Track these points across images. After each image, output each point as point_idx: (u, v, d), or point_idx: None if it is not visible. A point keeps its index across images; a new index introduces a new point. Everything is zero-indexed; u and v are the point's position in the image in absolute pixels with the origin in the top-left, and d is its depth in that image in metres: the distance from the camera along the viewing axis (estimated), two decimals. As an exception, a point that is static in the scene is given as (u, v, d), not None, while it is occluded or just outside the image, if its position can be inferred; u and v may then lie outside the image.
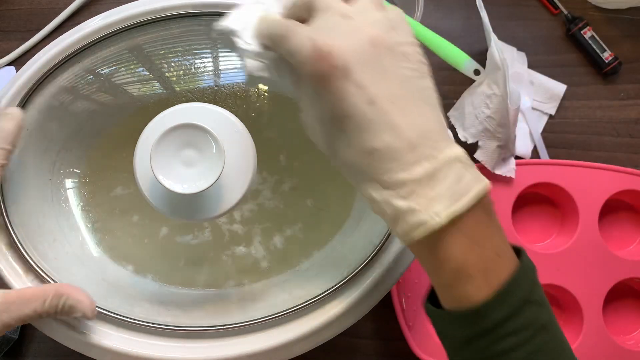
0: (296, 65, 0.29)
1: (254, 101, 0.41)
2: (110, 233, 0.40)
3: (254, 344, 0.35)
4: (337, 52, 0.28)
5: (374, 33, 0.28)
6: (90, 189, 0.41)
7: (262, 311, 0.36)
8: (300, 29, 0.29)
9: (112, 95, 0.40)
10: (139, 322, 0.35)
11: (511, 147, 0.52)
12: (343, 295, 0.36)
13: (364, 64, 0.28)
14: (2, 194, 0.36)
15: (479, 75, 0.50)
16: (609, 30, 0.57)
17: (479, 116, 0.51)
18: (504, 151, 0.52)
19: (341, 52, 0.28)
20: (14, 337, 0.49)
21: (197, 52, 0.41)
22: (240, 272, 0.40)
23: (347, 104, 0.28)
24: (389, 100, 0.28)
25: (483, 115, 0.50)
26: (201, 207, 0.34)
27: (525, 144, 0.55)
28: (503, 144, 0.51)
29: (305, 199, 0.42)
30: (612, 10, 0.57)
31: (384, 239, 0.36)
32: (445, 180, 0.28)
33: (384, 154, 0.28)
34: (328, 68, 0.27)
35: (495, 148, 0.51)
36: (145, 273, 0.40)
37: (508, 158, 0.53)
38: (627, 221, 0.55)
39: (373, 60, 0.28)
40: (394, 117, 0.28)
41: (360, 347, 0.52)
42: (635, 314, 0.54)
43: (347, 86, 0.28)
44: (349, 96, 0.28)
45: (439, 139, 0.28)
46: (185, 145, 0.32)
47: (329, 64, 0.27)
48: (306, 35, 0.28)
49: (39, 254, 0.36)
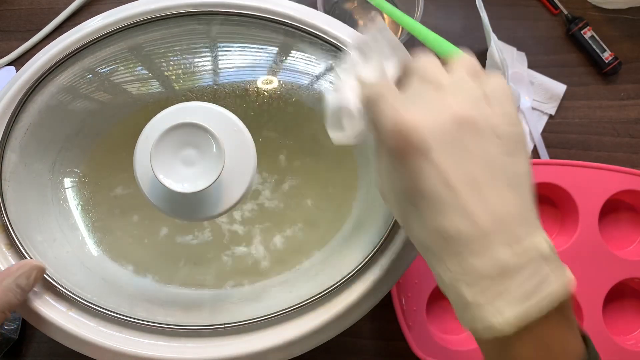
0: (378, 135, 0.29)
1: (253, 100, 0.41)
2: (110, 233, 0.40)
3: (254, 344, 0.35)
4: (418, 130, 0.26)
5: (462, 112, 0.27)
6: (91, 188, 0.41)
7: (262, 311, 0.36)
8: (390, 97, 0.28)
9: (112, 94, 0.40)
10: (139, 322, 0.35)
11: None
12: (343, 295, 0.36)
13: (445, 143, 0.27)
14: (2, 193, 0.36)
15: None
16: (609, 30, 0.57)
17: None
18: None
19: (422, 130, 0.26)
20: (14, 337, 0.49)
21: (196, 51, 0.41)
22: (240, 272, 0.40)
23: (422, 184, 0.27)
24: (467, 183, 0.27)
25: None
26: (201, 206, 0.34)
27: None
28: None
29: (305, 199, 0.42)
30: (612, 10, 0.57)
31: (383, 239, 0.36)
32: (517, 276, 0.26)
33: (455, 238, 0.27)
34: (407, 145, 0.27)
35: None
36: (145, 273, 0.40)
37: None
38: (627, 221, 0.55)
39: (455, 140, 0.27)
40: (469, 201, 0.26)
41: (360, 347, 0.52)
42: (635, 314, 0.54)
43: (424, 165, 0.27)
44: (424, 176, 0.27)
45: (519, 227, 0.26)
46: (185, 145, 0.32)
47: (408, 141, 0.27)
48: (391, 105, 0.28)
49: (39, 254, 0.36)
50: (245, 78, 0.41)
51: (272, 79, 0.41)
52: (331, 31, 0.38)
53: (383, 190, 0.31)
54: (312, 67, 0.41)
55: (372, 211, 0.39)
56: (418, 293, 0.51)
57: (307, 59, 0.40)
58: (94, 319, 0.35)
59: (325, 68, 0.40)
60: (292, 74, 0.41)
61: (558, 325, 0.26)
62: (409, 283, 0.51)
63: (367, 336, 0.52)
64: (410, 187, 0.28)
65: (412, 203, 0.28)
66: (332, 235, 0.41)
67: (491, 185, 0.27)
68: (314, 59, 0.40)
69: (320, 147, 0.42)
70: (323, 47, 0.39)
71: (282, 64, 0.41)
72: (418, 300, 0.51)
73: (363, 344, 0.52)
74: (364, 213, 0.40)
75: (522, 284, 0.25)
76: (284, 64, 0.41)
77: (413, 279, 0.52)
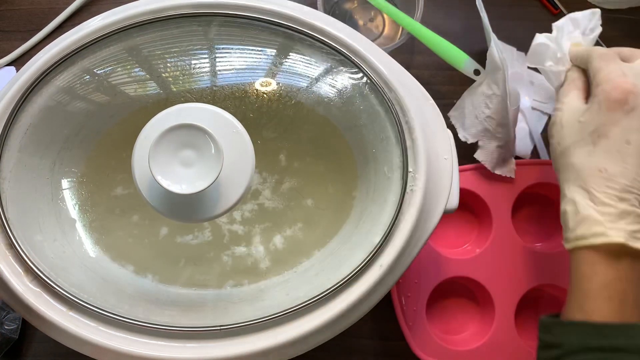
0: (596, 81, 0.40)
1: (252, 102, 0.41)
2: (110, 233, 0.40)
3: (254, 344, 0.35)
4: (633, 93, 0.38)
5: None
6: (90, 188, 0.41)
7: (261, 311, 0.36)
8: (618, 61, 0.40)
9: (112, 95, 0.40)
10: (138, 322, 0.35)
11: (511, 147, 0.52)
12: (343, 295, 0.36)
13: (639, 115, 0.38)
14: (2, 193, 0.36)
15: (479, 75, 0.50)
16: (609, 30, 0.57)
17: (479, 116, 0.51)
18: (504, 151, 0.52)
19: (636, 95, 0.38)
20: (14, 337, 0.49)
21: (195, 53, 0.41)
22: (240, 272, 0.40)
23: (611, 131, 0.38)
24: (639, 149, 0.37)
25: (483, 116, 0.50)
26: (200, 207, 0.34)
27: (525, 144, 0.55)
28: (503, 144, 0.51)
29: (305, 199, 0.42)
30: (612, 10, 0.57)
31: (383, 239, 0.36)
32: (631, 226, 0.36)
33: (609, 180, 0.37)
34: (621, 99, 0.38)
35: (495, 148, 0.51)
36: (145, 273, 0.40)
37: (508, 158, 0.53)
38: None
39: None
40: (634, 159, 0.37)
41: (360, 347, 0.52)
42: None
43: (623, 120, 0.38)
44: (618, 126, 0.38)
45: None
46: (184, 146, 0.32)
47: (624, 98, 0.38)
48: (619, 68, 0.39)
49: (38, 254, 0.36)
50: (245, 80, 0.41)
51: (271, 80, 0.41)
52: (331, 31, 0.38)
53: (562, 119, 0.41)
54: (312, 68, 0.41)
55: (372, 211, 0.39)
56: (418, 293, 0.51)
57: (306, 61, 0.40)
58: (94, 319, 0.35)
59: (325, 69, 0.40)
60: (291, 75, 0.41)
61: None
62: (409, 283, 0.52)
63: (367, 336, 0.53)
64: (600, 128, 0.38)
65: (592, 140, 0.38)
66: (332, 235, 0.41)
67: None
68: (313, 61, 0.40)
69: (320, 148, 0.43)
70: (322, 49, 0.39)
71: (281, 65, 0.41)
72: (418, 300, 0.51)
73: (363, 344, 0.52)
74: (364, 213, 0.40)
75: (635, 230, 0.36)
76: (284, 66, 0.41)
77: (413, 279, 0.52)
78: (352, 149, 0.42)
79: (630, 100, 0.37)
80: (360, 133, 0.41)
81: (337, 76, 0.40)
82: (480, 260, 0.52)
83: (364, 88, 0.39)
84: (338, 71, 0.40)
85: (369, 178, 0.41)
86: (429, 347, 0.50)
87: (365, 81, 0.39)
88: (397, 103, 0.38)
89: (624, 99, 0.37)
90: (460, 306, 0.54)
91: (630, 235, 0.36)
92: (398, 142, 0.38)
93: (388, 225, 0.36)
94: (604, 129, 0.38)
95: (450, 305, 0.54)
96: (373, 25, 0.57)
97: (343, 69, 0.40)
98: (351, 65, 0.39)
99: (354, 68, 0.39)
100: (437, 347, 0.50)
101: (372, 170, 0.40)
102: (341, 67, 0.40)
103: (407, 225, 0.36)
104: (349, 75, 0.40)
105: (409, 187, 0.37)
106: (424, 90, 0.40)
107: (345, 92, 0.40)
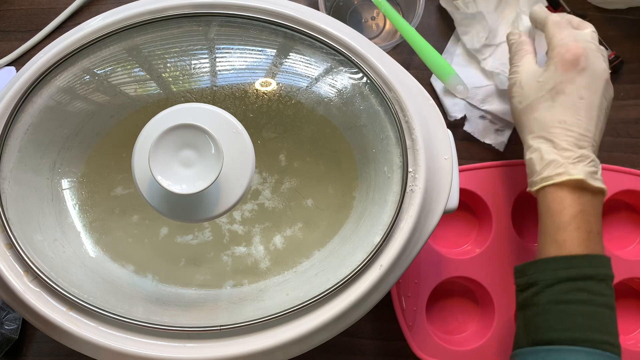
0: (551, 43, 0.45)
1: (252, 102, 0.41)
2: (110, 233, 0.40)
3: (254, 344, 0.35)
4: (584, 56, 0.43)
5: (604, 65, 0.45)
6: (90, 188, 0.41)
7: (261, 311, 0.36)
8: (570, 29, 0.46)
9: (112, 95, 0.40)
10: (138, 322, 0.35)
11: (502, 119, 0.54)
12: (343, 295, 0.36)
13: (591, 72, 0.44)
14: (2, 193, 0.36)
15: (462, 91, 0.52)
16: (609, 30, 0.57)
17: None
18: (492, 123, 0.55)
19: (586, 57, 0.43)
20: (14, 337, 0.49)
21: (195, 53, 0.41)
22: (240, 272, 0.40)
23: (567, 88, 0.43)
24: (590, 103, 0.43)
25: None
26: (200, 207, 0.34)
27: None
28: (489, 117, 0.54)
29: (305, 199, 0.42)
30: (612, 10, 0.57)
31: (383, 239, 0.36)
32: (588, 167, 0.42)
33: (568, 130, 0.43)
34: (574, 61, 0.43)
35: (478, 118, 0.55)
36: (145, 273, 0.40)
37: (502, 130, 0.54)
38: (627, 221, 0.55)
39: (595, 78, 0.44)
40: (586, 112, 0.43)
41: (360, 347, 0.52)
42: (635, 314, 0.54)
43: (577, 79, 0.43)
44: (573, 84, 0.43)
45: (598, 140, 0.44)
46: (184, 146, 0.32)
47: (577, 60, 0.43)
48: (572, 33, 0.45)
49: (38, 254, 0.36)
50: (245, 80, 0.41)
51: (271, 80, 0.41)
52: (331, 31, 0.38)
53: (522, 80, 0.46)
54: (312, 68, 0.41)
55: (372, 211, 0.39)
56: (418, 293, 0.51)
57: (306, 61, 0.41)
58: (94, 319, 0.35)
59: (325, 69, 0.40)
60: (291, 75, 0.41)
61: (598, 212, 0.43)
62: (409, 283, 0.52)
63: (367, 336, 0.53)
64: (558, 86, 0.44)
65: (551, 96, 0.44)
66: (332, 236, 0.41)
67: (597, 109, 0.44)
68: (313, 61, 0.40)
69: (320, 148, 0.43)
70: (322, 49, 0.39)
71: (281, 65, 0.41)
72: (418, 300, 0.51)
73: (363, 344, 0.52)
74: (364, 213, 0.40)
75: (589, 173, 0.42)
76: (284, 66, 0.41)
77: (413, 279, 0.52)
78: (352, 149, 0.42)
79: (581, 62, 0.43)
80: (360, 133, 0.41)
81: (337, 76, 0.40)
82: (480, 260, 0.52)
83: (364, 88, 0.39)
84: (338, 71, 0.40)
85: (369, 178, 0.41)
86: (429, 347, 0.50)
87: (365, 81, 0.39)
88: (397, 103, 0.38)
89: (576, 60, 0.43)
90: (460, 306, 0.54)
91: (589, 176, 0.42)
92: (398, 142, 0.38)
93: (388, 225, 0.36)
94: (561, 87, 0.44)
95: (450, 305, 0.54)
96: (375, 23, 0.57)
97: (343, 69, 0.40)
98: (351, 65, 0.39)
99: (354, 68, 0.39)
100: (437, 347, 0.50)
101: (372, 170, 0.40)
102: (341, 67, 0.40)
103: (407, 225, 0.36)
104: (348, 75, 0.40)
105: (409, 187, 0.37)
106: (424, 90, 0.40)
107: (345, 92, 0.40)
